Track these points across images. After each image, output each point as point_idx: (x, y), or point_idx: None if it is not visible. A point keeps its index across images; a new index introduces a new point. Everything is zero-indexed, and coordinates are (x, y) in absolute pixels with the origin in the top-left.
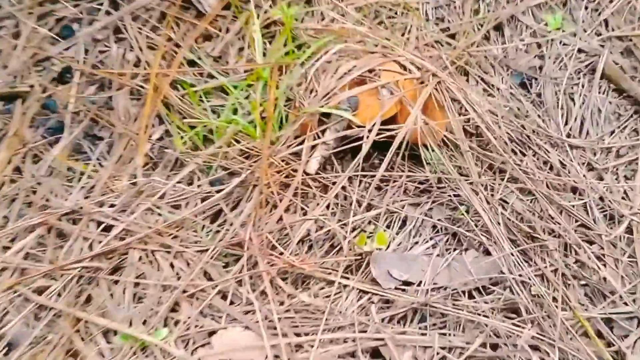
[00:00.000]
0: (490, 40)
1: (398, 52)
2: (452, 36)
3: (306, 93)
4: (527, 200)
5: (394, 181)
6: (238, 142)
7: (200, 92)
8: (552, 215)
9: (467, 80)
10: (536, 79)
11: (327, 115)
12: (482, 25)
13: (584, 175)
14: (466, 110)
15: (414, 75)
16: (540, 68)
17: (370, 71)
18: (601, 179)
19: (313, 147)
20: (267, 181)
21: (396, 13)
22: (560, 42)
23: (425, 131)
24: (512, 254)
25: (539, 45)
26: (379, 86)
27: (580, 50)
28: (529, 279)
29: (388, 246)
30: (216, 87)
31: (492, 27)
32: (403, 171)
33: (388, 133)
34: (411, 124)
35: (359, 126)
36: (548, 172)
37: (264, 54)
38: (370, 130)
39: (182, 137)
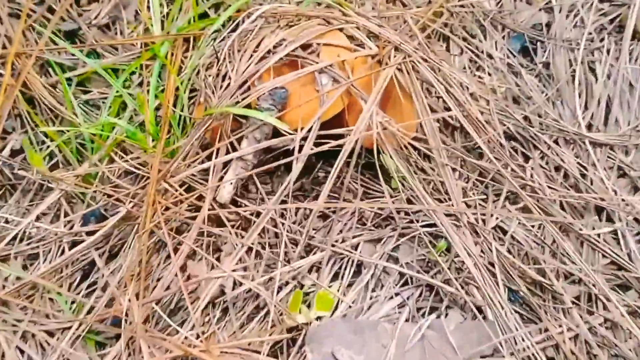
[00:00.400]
0: None
1: (346, 15)
2: None
3: (217, 80)
4: (533, 228)
5: (344, 208)
6: (126, 153)
7: (75, 79)
8: (568, 250)
9: (448, 49)
10: (542, 42)
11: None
12: None
13: (612, 189)
14: (444, 98)
15: (369, 50)
16: (548, 26)
17: (305, 47)
18: (638, 190)
19: (226, 164)
20: (158, 218)
21: None
22: None
23: (385, 134)
24: (512, 314)
25: None
26: (316, 71)
27: None
28: (536, 354)
29: (335, 310)
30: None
31: None
32: (357, 190)
33: (333, 143)
34: (364, 125)
35: (290, 132)
36: (562, 184)
37: (163, 22)
38: (305, 139)
39: (43, 149)
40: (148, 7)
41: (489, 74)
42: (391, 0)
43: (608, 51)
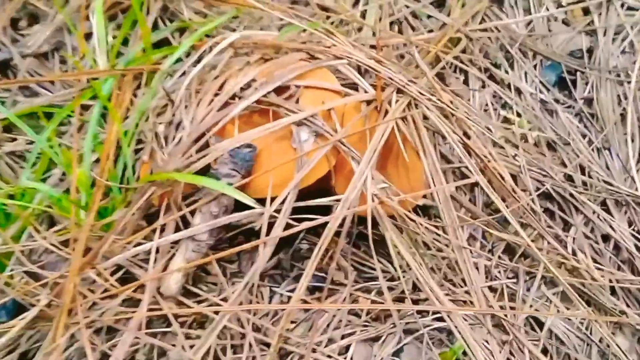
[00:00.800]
0: (504, 7)
1: (335, 47)
2: (440, 4)
3: (170, 130)
4: (577, 319)
5: (331, 295)
6: (53, 224)
7: None
8: (621, 351)
9: (466, 83)
10: (583, 72)
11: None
12: None
13: None
14: (459, 155)
15: (363, 94)
16: (590, 52)
17: (281, 90)
18: None
19: (174, 244)
20: (80, 319)
21: None
22: (623, 5)
23: (386, 202)
24: None
25: (586, 12)
26: (293, 123)
27: None
28: None
29: None
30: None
31: None
32: (348, 269)
33: (314, 222)
34: (356, 195)
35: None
36: (613, 261)
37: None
38: (278, 211)
39: None
40: (89, 35)
41: (518, 114)
42: (396, 22)
43: None
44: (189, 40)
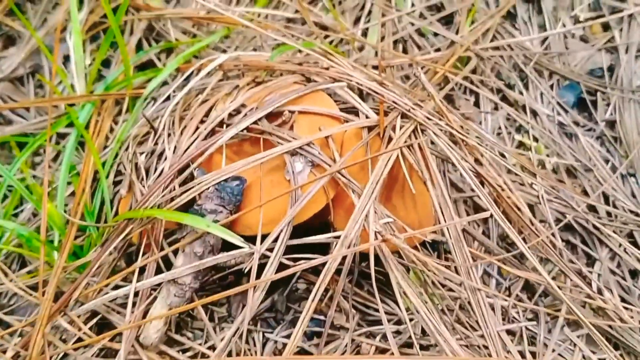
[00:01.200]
0: (517, 24)
1: (333, 68)
2: (448, 21)
3: (152, 160)
4: None
5: (331, 341)
6: (24, 265)
7: None
8: None
9: (477, 105)
10: (604, 92)
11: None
12: None
13: None
14: (471, 185)
15: (364, 120)
16: (611, 71)
17: (273, 116)
18: None
19: (156, 287)
20: None
21: None
22: None
23: (390, 240)
24: None
25: (606, 27)
26: (287, 152)
27: None
28: None
29: None
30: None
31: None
32: (350, 312)
33: (310, 262)
34: (357, 232)
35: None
36: None
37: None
38: (270, 250)
39: None
40: (66, 58)
41: (534, 139)
42: (401, 41)
43: None
44: (173, 62)
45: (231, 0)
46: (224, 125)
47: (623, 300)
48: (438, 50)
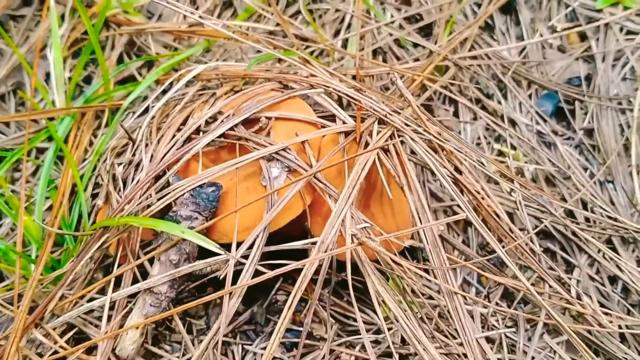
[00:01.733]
0: (495, 34)
1: (312, 76)
2: (427, 32)
3: (129, 171)
4: None
5: (310, 352)
6: (2, 279)
7: None
8: None
9: (456, 115)
10: (582, 100)
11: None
12: (479, 7)
13: None
14: (449, 191)
15: (341, 125)
16: (589, 80)
17: (250, 123)
18: None
19: (131, 297)
20: None
21: None
22: (622, 29)
23: (366, 243)
24: None
25: (583, 37)
26: (263, 158)
27: None
28: None
29: None
30: None
31: (496, 9)
32: (329, 321)
33: (287, 267)
34: (333, 237)
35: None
36: (621, 304)
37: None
38: (246, 257)
39: None
40: (48, 75)
41: (513, 147)
42: (380, 52)
43: None
44: (153, 74)
45: (212, 14)
46: (201, 133)
47: (602, 305)
48: (417, 60)
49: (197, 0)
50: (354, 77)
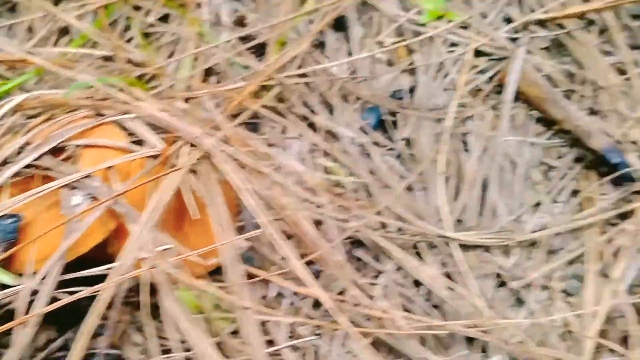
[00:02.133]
0: (326, 52)
1: (128, 104)
2: (261, 52)
3: None
4: None
5: None
6: None
7: None
8: None
9: (285, 132)
10: (404, 112)
11: None
12: (311, 23)
13: (489, 307)
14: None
15: (149, 149)
16: (412, 92)
17: (58, 151)
18: (522, 303)
19: None
20: None
21: (166, 17)
22: (445, 41)
23: (155, 265)
24: None
25: (410, 51)
26: (64, 186)
27: (478, 53)
28: None
29: None
30: None
31: (328, 25)
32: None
33: (82, 292)
34: (131, 260)
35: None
36: (422, 309)
37: None
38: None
39: None
40: None
41: (335, 161)
42: (214, 73)
43: (483, 119)
44: None
45: (47, 41)
46: (8, 164)
47: (406, 309)
48: (245, 79)
49: (34, 29)
50: (186, 100)
